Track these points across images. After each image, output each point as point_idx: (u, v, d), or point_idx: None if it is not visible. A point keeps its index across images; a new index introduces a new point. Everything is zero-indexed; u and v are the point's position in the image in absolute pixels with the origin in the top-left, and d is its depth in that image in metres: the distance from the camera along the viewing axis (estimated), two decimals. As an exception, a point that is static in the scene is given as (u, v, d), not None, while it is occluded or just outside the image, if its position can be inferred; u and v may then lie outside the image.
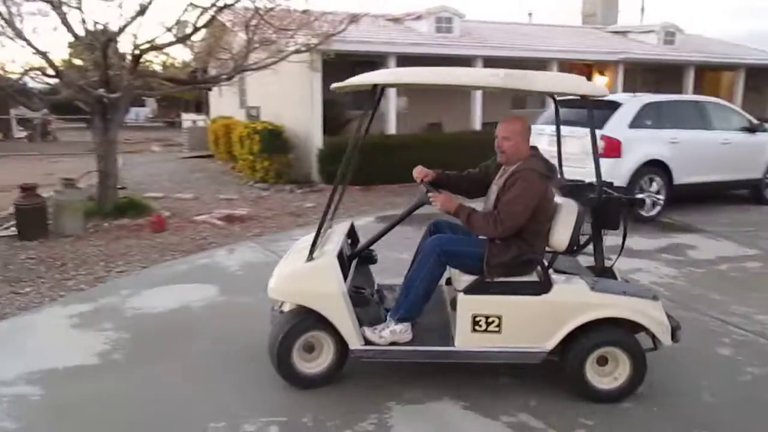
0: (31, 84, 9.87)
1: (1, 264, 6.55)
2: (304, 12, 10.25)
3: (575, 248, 3.84)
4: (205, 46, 11.17)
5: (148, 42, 8.89)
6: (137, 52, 8.82)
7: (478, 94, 14.24)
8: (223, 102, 18.71)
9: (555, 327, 3.59)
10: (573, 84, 3.86)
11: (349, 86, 3.86)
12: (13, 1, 8.23)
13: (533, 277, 3.68)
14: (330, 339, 3.71)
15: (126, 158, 10.91)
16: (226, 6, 8.96)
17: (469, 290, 3.61)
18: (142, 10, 8.45)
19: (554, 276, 3.66)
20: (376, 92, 3.81)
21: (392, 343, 3.65)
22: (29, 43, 8.34)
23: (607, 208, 3.94)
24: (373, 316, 3.80)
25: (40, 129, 26.63)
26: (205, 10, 8.95)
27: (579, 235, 3.80)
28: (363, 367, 3.92)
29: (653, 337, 3.69)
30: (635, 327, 3.68)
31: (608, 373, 3.69)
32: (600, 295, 3.61)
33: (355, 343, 3.62)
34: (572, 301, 3.61)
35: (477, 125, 14.18)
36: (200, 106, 26.76)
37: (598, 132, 8.29)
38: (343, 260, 3.83)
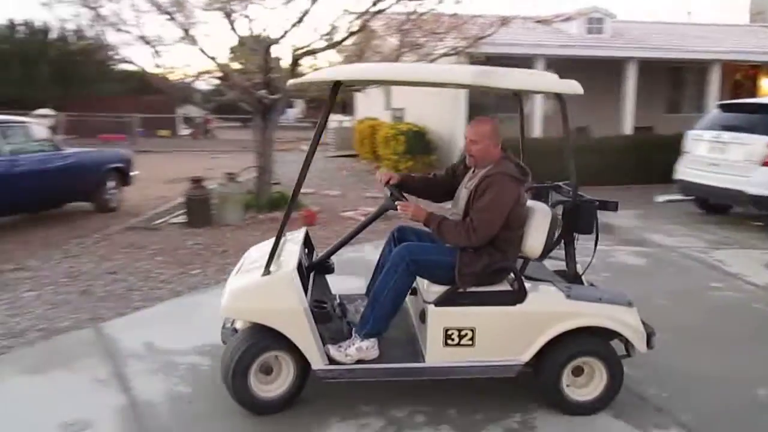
0: (199, 86, 10.83)
1: (173, 248, 7.27)
2: (453, 16, 10.37)
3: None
4: (356, 50, 11.61)
5: (303, 47, 9.41)
6: (294, 56, 9.37)
7: (629, 99, 13.68)
8: (369, 103, 19.33)
9: (531, 338, 3.41)
10: (545, 82, 3.63)
11: (309, 81, 3.71)
12: (191, 12, 9.07)
13: (506, 286, 3.48)
14: (290, 359, 3.44)
15: (278, 156, 11.66)
16: (379, 11, 9.27)
17: (441, 302, 3.40)
18: (301, 18, 8.98)
19: (527, 284, 3.46)
20: (337, 89, 3.40)
21: (358, 361, 3.41)
22: (202, 50, 9.15)
23: (580, 211, 3.69)
24: (336, 332, 3.57)
25: (201, 127, 29.11)
26: (358, 15, 9.34)
27: (552, 241, 3.60)
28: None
29: (626, 343, 3.50)
30: (610, 333, 3.47)
31: (584, 383, 3.50)
32: (576, 303, 3.42)
33: (318, 363, 3.36)
34: (548, 311, 3.43)
35: (628, 129, 13.62)
36: (346, 107, 27.74)
37: (763, 138, 7.86)
38: (302, 272, 3.59)
